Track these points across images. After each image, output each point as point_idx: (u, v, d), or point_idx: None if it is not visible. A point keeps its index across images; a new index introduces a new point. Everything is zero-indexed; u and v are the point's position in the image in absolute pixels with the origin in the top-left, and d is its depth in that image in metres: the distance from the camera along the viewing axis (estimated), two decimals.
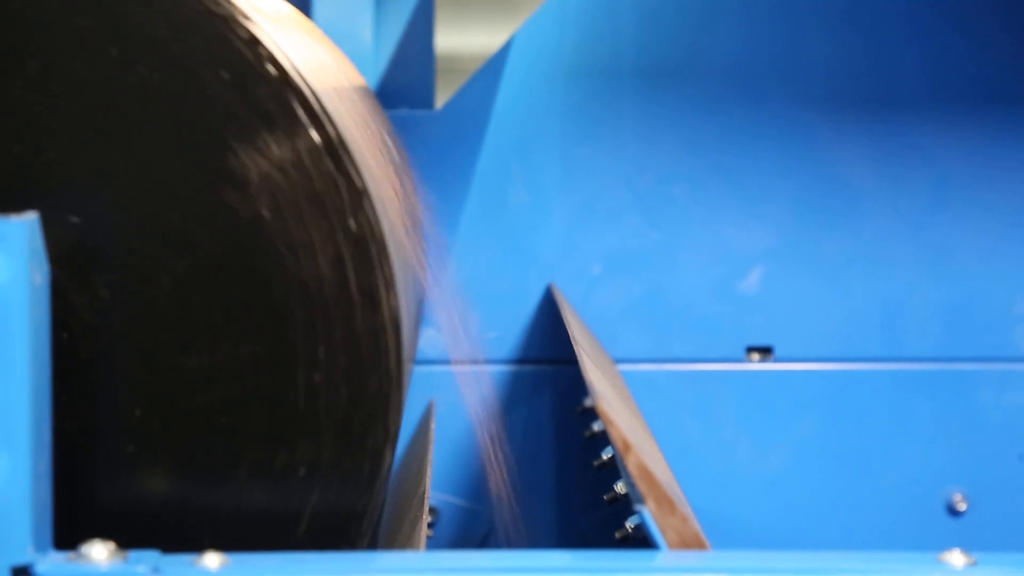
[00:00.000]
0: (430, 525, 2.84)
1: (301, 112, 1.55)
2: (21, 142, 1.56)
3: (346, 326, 1.57)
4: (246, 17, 1.54)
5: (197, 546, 1.46)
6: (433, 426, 2.54)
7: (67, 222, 1.56)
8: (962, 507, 2.90)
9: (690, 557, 1.52)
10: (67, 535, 1.47)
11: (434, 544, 2.86)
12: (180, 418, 1.58)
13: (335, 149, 1.56)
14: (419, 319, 2.30)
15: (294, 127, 1.56)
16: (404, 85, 3.03)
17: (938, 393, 2.92)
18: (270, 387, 1.57)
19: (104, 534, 1.44)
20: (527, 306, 2.91)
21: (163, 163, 1.56)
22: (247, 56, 1.55)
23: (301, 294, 1.57)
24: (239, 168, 1.55)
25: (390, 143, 2.15)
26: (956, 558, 1.42)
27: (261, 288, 1.57)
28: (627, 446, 1.62)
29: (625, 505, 1.86)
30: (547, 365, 2.93)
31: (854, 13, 2.90)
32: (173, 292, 1.57)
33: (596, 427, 2.46)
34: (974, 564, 1.41)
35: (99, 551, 1.38)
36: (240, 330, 1.57)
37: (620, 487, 2.02)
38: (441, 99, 2.99)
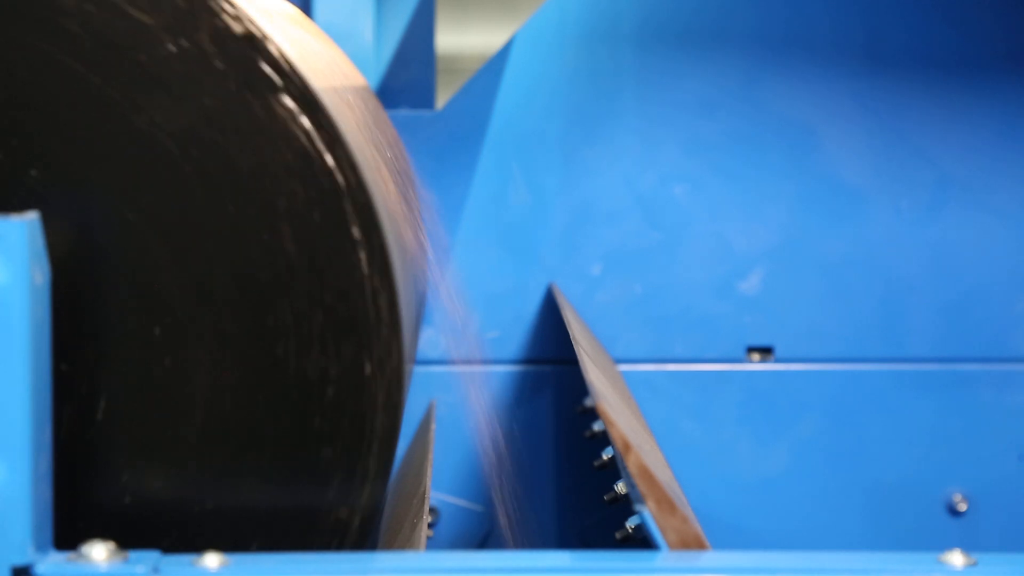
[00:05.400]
0: (430, 525, 2.84)
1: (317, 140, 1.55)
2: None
3: (348, 327, 1.57)
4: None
5: (197, 546, 1.46)
6: (433, 426, 2.54)
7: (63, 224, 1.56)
8: (962, 507, 2.90)
9: (690, 557, 1.52)
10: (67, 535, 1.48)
11: (434, 544, 2.86)
12: (180, 417, 1.58)
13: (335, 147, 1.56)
14: (420, 319, 2.30)
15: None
16: (405, 85, 3.03)
17: (938, 393, 2.91)
18: (270, 387, 1.57)
19: (104, 534, 1.44)
20: (528, 306, 2.91)
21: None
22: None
23: (306, 298, 1.57)
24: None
25: (391, 143, 2.15)
26: (956, 558, 1.42)
27: (265, 292, 1.57)
28: (627, 446, 1.62)
29: (625, 505, 1.86)
30: (548, 365, 2.93)
31: (855, 13, 2.90)
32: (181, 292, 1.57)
33: (596, 427, 2.46)
34: (974, 564, 1.41)
35: (99, 551, 1.38)
36: (243, 330, 1.57)
37: (620, 487, 2.02)
38: (441, 99, 2.99)
